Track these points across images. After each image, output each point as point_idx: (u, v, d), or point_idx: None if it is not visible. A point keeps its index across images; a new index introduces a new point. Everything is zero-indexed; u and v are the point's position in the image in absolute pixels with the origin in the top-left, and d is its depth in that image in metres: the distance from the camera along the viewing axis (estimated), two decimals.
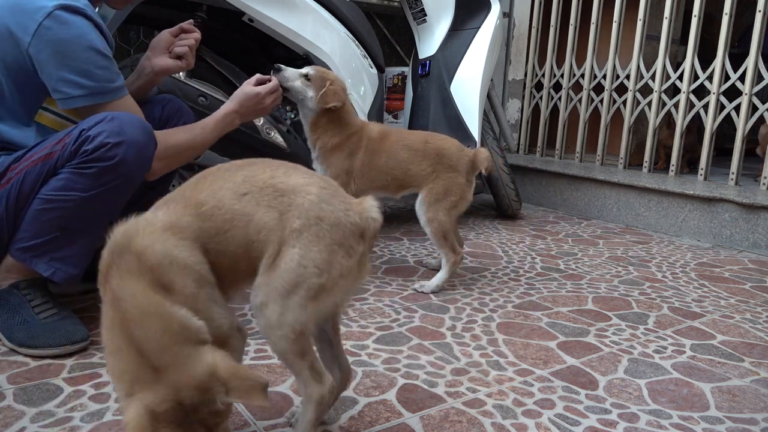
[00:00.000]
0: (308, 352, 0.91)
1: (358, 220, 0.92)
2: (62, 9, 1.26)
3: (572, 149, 3.73)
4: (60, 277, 1.33)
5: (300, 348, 0.89)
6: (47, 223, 1.29)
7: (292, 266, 0.86)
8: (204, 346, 0.79)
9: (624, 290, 1.94)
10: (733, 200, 2.58)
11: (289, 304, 0.87)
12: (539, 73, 3.89)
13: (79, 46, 1.28)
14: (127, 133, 1.29)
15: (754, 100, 2.79)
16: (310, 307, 0.88)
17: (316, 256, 0.87)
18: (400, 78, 3.30)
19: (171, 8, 2.04)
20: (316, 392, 0.91)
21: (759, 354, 1.47)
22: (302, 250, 0.87)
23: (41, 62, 1.28)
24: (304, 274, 0.87)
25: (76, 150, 1.27)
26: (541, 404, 1.18)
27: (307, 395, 0.92)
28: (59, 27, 1.26)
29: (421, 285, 1.85)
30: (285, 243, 0.88)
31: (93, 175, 1.28)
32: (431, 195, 1.84)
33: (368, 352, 1.38)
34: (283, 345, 0.88)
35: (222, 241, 0.89)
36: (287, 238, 0.87)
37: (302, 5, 2.13)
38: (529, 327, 1.58)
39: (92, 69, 1.30)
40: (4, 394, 1.13)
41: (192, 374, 0.76)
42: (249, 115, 1.60)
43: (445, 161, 1.86)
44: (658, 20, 3.30)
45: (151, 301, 0.80)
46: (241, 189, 0.90)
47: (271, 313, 0.87)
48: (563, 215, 3.25)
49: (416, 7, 2.74)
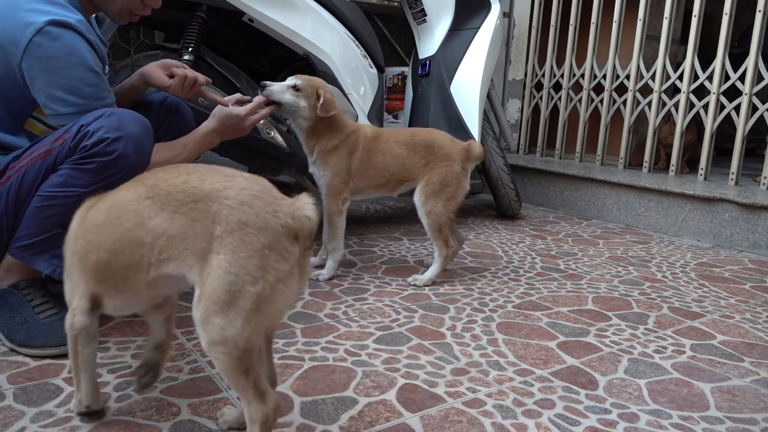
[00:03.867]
0: (252, 368, 0.86)
1: (290, 220, 0.86)
2: (53, 24, 1.25)
3: (572, 149, 3.73)
4: (60, 274, 1.32)
5: (244, 366, 0.85)
6: (47, 220, 1.29)
7: (220, 273, 0.83)
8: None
9: (624, 290, 1.94)
10: (733, 200, 2.58)
11: (230, 317, 0.83)
12: (539, 73, 3.89)
13: (69, 63, 1.28)
14: (126, 128, 1.29)
15: (754, 100, 2.79)
16: (252, 319, 0.84)
17: (246, 263, 0.83)
18: (400, 78, 3.30)
19: (171, 8, 2.04)
20: (262, 412, 0.87)
21: (759, 354, 1.47)
22: (228, 257, 0.83)
23: (32, 78, 1.28)
24: (236, 282, 0.83)
25: (75, 146, 1.27)
26: (541, 404, 1.18)
27: (250, 415, 0.87)
28: (50, 43, 1.25)
29: (414, 278, 1.91)
30: (210, 252, 0.85)
31: (93, 171, 1.27)
32: (428, 186, 1.88)
33: (368, 352, 1.38)
34: (227, 362, 0.84)
35: (107, 236, 0.92)
36: (212, 247, 0.85)
37: (302, 5, 2.13)
38: (529, 327, 1.58)
39: (81, 86, 1.30)
40: (4, 394, 1.13)
41: None
42: (229, 134, 1.61)
43: (437, 151, 1.90)
44: (658, 20, 3.30)
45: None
46: (147, 193, 0.90)
47: (213, 328, 0.83)
48: (563, 215, 3.25)
49: (416, 7, 2.74)
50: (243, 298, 0.83)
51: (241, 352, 0.84)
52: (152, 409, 1.10)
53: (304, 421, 1.08)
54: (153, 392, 1.15)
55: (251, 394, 0.87)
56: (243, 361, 0.85)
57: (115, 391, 1.15)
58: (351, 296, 1.76)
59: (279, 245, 0.85)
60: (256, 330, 0.85)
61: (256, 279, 0.83)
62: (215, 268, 0.84)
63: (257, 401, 0.87)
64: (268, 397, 0.87)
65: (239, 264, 0.83)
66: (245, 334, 0.84)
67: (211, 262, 0.84)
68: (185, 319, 1.53)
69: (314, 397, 1.16)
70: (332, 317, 1.59)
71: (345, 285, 1.86)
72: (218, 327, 0.83)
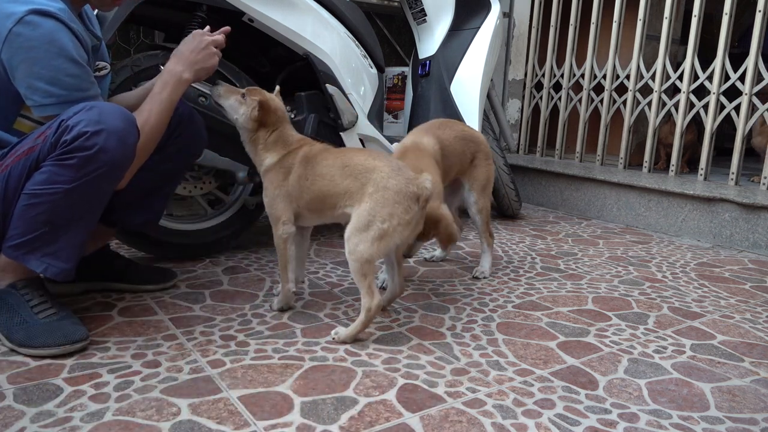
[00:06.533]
0: (368, 274, 1.38)
1: (415, 189, 1.38)
2: (34, 13, 1.24)
3: (572, 149, 3.73)
4: (52, 272, 1.31)
5: (363, 271, 1.37)
6: (34, 218, 1.27)
7: (364, 214, 1.37)
8: None
9: (624, 290, 1.94)
10: (733, 200, 2.58)
11: (362, 239, 1.36)
12: (539, 73, 3.89)
13: (49, 53, 1.26)
14: (107, 121, 1.27)
15: (754, 100, 2.79)
16: (376, 245, 1.35)
17: (383, 210, 1.36)
18: (400, 78, 3.30)
19: (171, 8, 2.04)
20: (367, 303, 1.38)
21: (759, 354, 1.47)
22: (372, 205, 1.37)
23: (12, 69, 1.27)
24: (373, 220, 1.36)
25: (56, 141, 1.26)
26: (541, 404, 1.18)
27: (363, 304, 1.39)
28: (30, 32, 1.24)
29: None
30: (363, 201, 1.39)
31: (74, 166, 1.25)
32: (477, 183, 1.96)
33: (368, 352, 1.38)
34: (354, 266, 1.37)
35: (323, 186, 1.47)
36: (364, 198, 1.39)
37: (302, 5, 2.12)
38: (529, 327, 1.58)
39: (61, 77, 1.28)
40: (4, 394, 1.13)
41: None
42: (195, 63, 1.49)
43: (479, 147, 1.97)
44: (658, 20, 3.30)
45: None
46: (343, 165, 1.45)
47: (350, 244, 1.37)
48: (563, 215, 3.25)
49: (416, 7, 2.74)
50: (374, 230, 1.36)
51: (363, 262, 1.36)
52: (152, 409, 1.10)
53: (304, 421, 1.08)
54: (153, 392, 1.16)
55: (365, 291, 1.39)
56: (363, 268, 1.37)
57: (115, 391, 1.15)
58: (351, 296, 1.76)
59: (405, 203, 1.37)
60: (376, 252, 1.36)
61: (384, 220, 1.36)
62: (362, 210, 1.38)
63: (368, 296, 1.38)
64: (375, 296, 1.39)
65: (377, 210, 1.37)
66: (370, 251, 1.36)
67: (362, 206, 1.39)
68: (185, 319, 1.53)
69: (314, 397, 1.16)
70: (332, 317, 1.59)
71: (345, 285, 1.86)
72: (353, 243, 1.37)
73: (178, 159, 1.65)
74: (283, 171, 1.54)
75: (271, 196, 1.56)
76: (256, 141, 1.57)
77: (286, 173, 1.54)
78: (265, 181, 1.58)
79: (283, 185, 1.54)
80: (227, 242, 2.16)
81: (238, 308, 1.63)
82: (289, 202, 1.54)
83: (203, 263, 2.04)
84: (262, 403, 1.13)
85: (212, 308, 1.62)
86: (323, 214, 1.53)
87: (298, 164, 1.53)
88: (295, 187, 1.52)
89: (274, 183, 1.55)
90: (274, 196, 1.55)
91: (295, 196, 1.53)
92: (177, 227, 2.03)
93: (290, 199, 1.54)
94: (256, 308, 1.63)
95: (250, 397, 1.15)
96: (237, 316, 1.57)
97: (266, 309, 1.63)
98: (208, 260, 2.07)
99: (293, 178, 1.53)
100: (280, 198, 1.54)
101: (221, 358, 1.32)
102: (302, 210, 1.55)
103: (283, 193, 1.54)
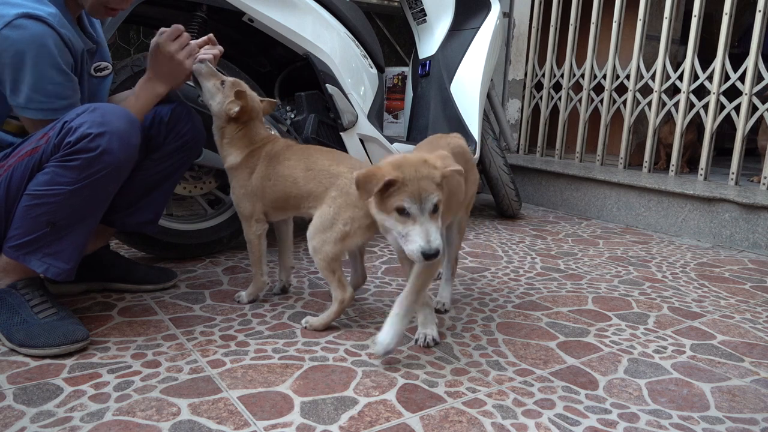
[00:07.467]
0: (337, 270, 1.44)
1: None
2: (23, 17, 1.24)
3: (572, 149, 3.73)
4: (53, 272, 1.32)
5: (331, 268, 1.44)
6: (36, 219, 1.28)
7: (328, 216, 1.43)
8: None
9: (624, 290, 1.94)
10: (733, 200, 2.58)
11: (325, 239, 1.42)
12: (539, 73, 3.89)
13: (35, 58, 1.25)
14: (110, 123, 1.27)
15: (754, 100, 2.79)
16: (339, 245, 1.42)
17: (344, 214, 1.42)
18: (400, 78, 3.30)
19: (171, 8, 2.04)
20: (340, 296, 1.45)
21: (759, 354, 1.47)
22: (335, 209, 1.43)
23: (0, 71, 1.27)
24: (336, 222, 1.42)
25: (59, 143, 1.26)
26: (541, 404, 1.18)
27: (334, 297, 1.47)
28: (17, 35, 1.23)
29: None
30: (325, 203, 1.44)
31: (77, 168, 1.26)
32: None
33: (368, 351, 1.38)
34: (321, 264, 1.44)
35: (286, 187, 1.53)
36: (328, 201, 1.44)
37: (302, 5, 2.13)
38: (529, 327, 1.58)
39: (45, 84, 1.29)
40: (4, 394, 1.13)
41: None
42: (168, 76, 1.49)
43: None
44: (658, 20, 3.30)
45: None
46: (306, 168, 1.51)
47: (314, 243, 1.44)
48: (563, 215, 3.25)
49: (416, 7, 2.74)
50: (335, 231, 1.43)
51: (329, 260, 1.43)
52: (152, 409, 1.10)
53: (304, 421, 1.08)
54: (153, 392, 1.16)
55: (336, 285, 1.45)
56: (331, 265, 1.44)
57: (115, 391, 1.15)
58: None
59: (366, 207, 1.38)
60: (340, 250, 1.43)
61: (346, 222, 1.42)
62: (325, 212, 1.44)
63: (340, 290, 1.45)
64: (347, 288, 1.46)
65: (339, 213, 1.43)
66: (334, 250, 1.43)
67: (324, 209, 1.44)
68: (185, 319, 1.53)
69: (314, 397, 1.16)
70: None
71: None
72: (318, 242, 1.44)
73: (177, 157, 1.65)
74: (248, 170, 1.59)
75: (238, 194, 1.61)
76: (223, 133, 1.61)
77: (250, 172, 1.59)
78: (231, 179, 1.63)
79: (248, 185, 1.59)
80: (227, 242, 2.16)
81: (238, 308, 1.63)
82: (256, 201, 1.59)
83: (203, 263, 2.04)
84: (262, 403, 1.13)
85: (212, 308, 1.62)
86: (287, 212, 1.61)
87: (260, 163, 1.58)
88: (259, 186, 1.57)
89: (240, 182, 1.60)
90: (241, 195, 1.60)
91: (260, 195, 1.58)
92: (177, 227, 2.03)
93: (256, 197, 1.59)
94: (256, 308, 1.63)
95: (250, 397, 1.15)
96: (237, 316, 1.57)
97: (266, 309, 1.63)
98: (208, 260, 2.07)
99: (256, 177, 1.58)
100: (247, 197, 1.59)
101: (221, 358, 1.32)
102: (267, 208, 1.60)
103: (249, 192, 1.59)
